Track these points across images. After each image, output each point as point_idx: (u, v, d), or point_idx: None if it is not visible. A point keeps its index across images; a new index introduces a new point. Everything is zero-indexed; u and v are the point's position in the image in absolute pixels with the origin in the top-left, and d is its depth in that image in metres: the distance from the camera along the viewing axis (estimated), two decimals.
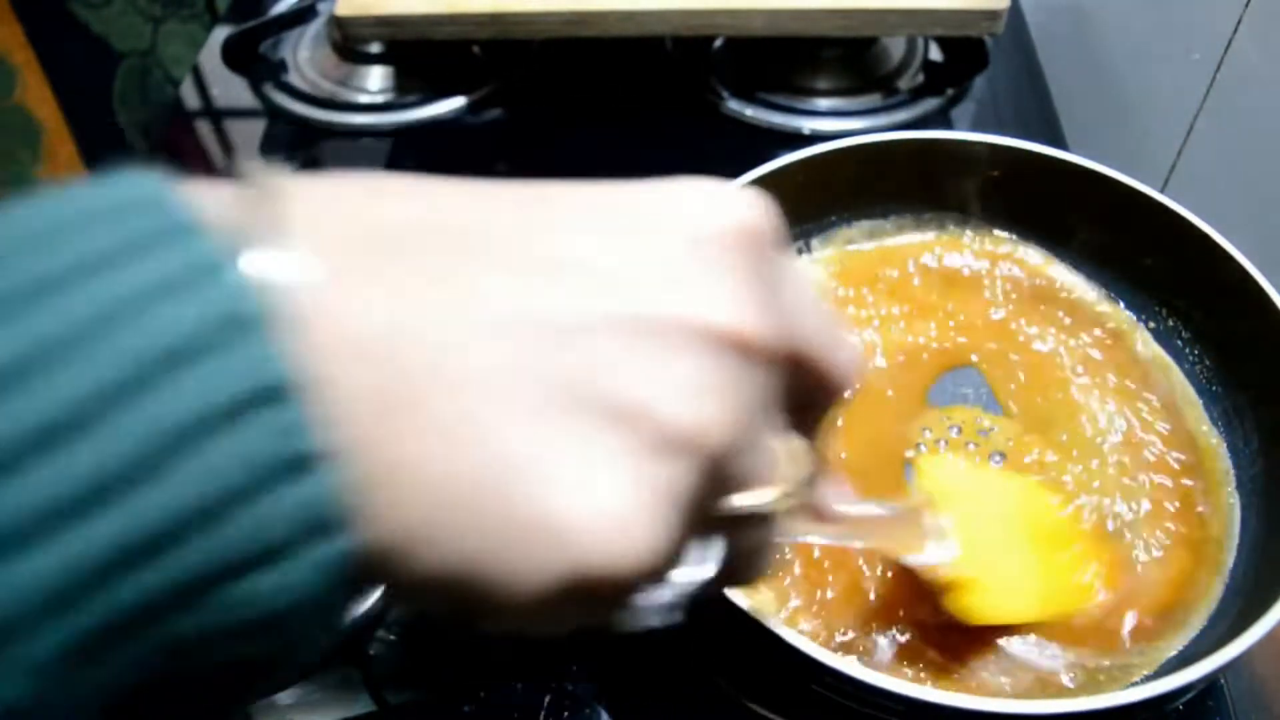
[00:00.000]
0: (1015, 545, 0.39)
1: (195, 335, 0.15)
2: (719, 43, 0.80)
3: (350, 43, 0.76)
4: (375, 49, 0.77)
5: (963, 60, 0.75)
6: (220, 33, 0.82)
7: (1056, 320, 0.52)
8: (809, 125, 0.73)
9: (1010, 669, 0.40)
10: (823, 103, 0.75)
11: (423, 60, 0.76)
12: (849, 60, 0.77)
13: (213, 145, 0.76)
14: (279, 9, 0.82)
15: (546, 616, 0.18)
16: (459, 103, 0.75)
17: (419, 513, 0.17)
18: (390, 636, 0.48)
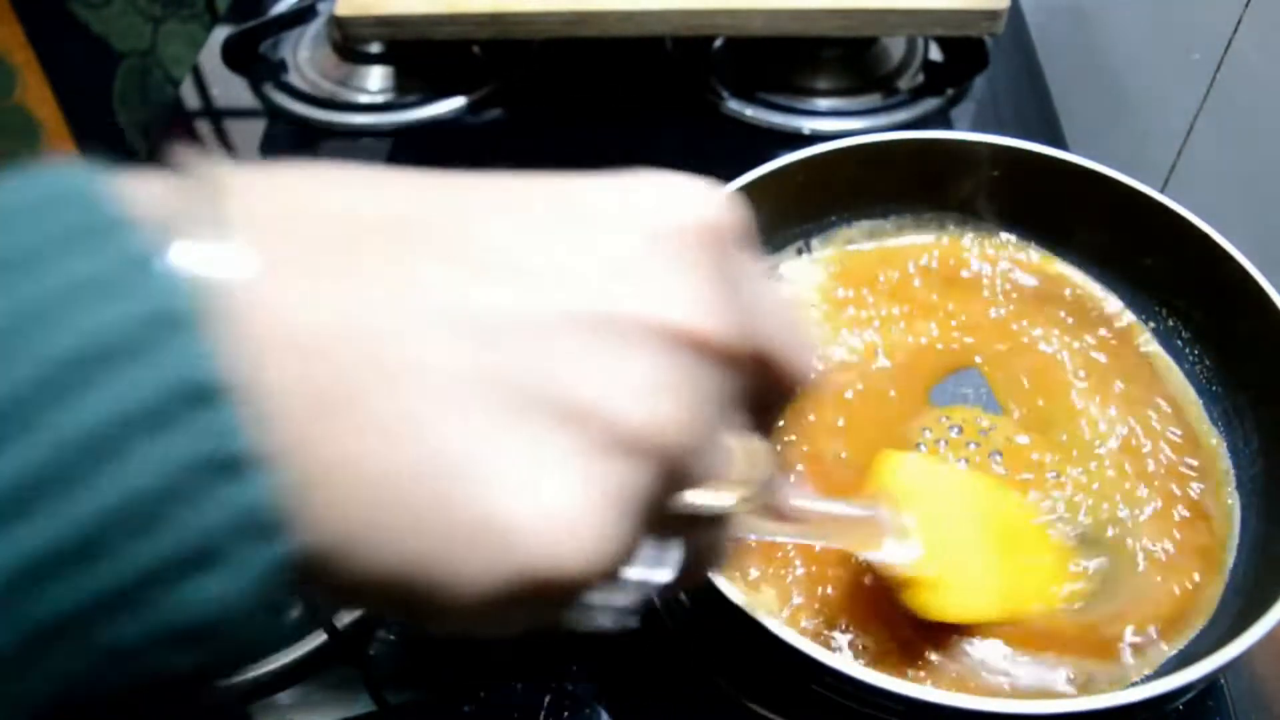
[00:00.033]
0: (976, 544, 0.39)
1: (122, 334, 0.14)
2: (719, 43, 0.80)
3: (350, 43, 0.76)
4: (375, 49, 0.77)
5: (963, 60, 0.75)
6: (220, 33, 0.82)
7: (1056, 321, 0.52)
8: (809, 125, 0.73)
9: (1010, 671, 0.40)
10: (823, 103, 0.75)
11: (423, 60, 0.77)
12: (849, 60, 0.77)
13: (213, 145, 0.76)
14: (279, 9, 0.82)
15: (494, 618, 0.18)
16: (459, 103, 0.75)
17: (358, 514, 0.16)
18: (390, 636, 0.48)
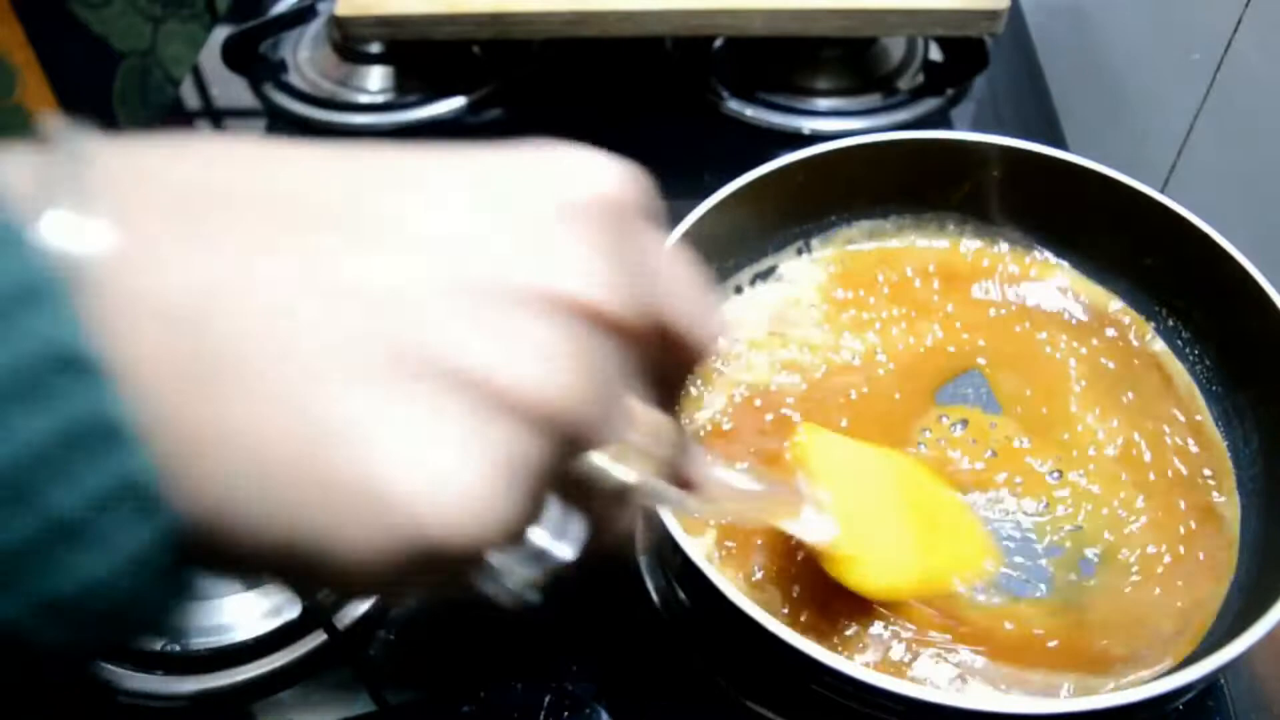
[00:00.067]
0: (892, 519, 0.39)
1: None
2: (719, 43, 0.80)
3: (350, 43, 0.76)
4: (375, 49, 0.77)
5: (963, 60, 0.75)
6: (220, 33, 0.82)
7: (1057, 321, 0.52)
8: (809, 125, 0.73)
9: (1009, 677, 0.40)
10: (823, 103, 0.75)
11: (423, 60, 0.76)
12: (849, 60, 0.77)
13: None
14: (279, 9, 0.82)
15: (391, 585, 0.18)
16: (459, 103, 0.75)
17: (237, 484, 0.16)
18: (390, 636, 0.48)
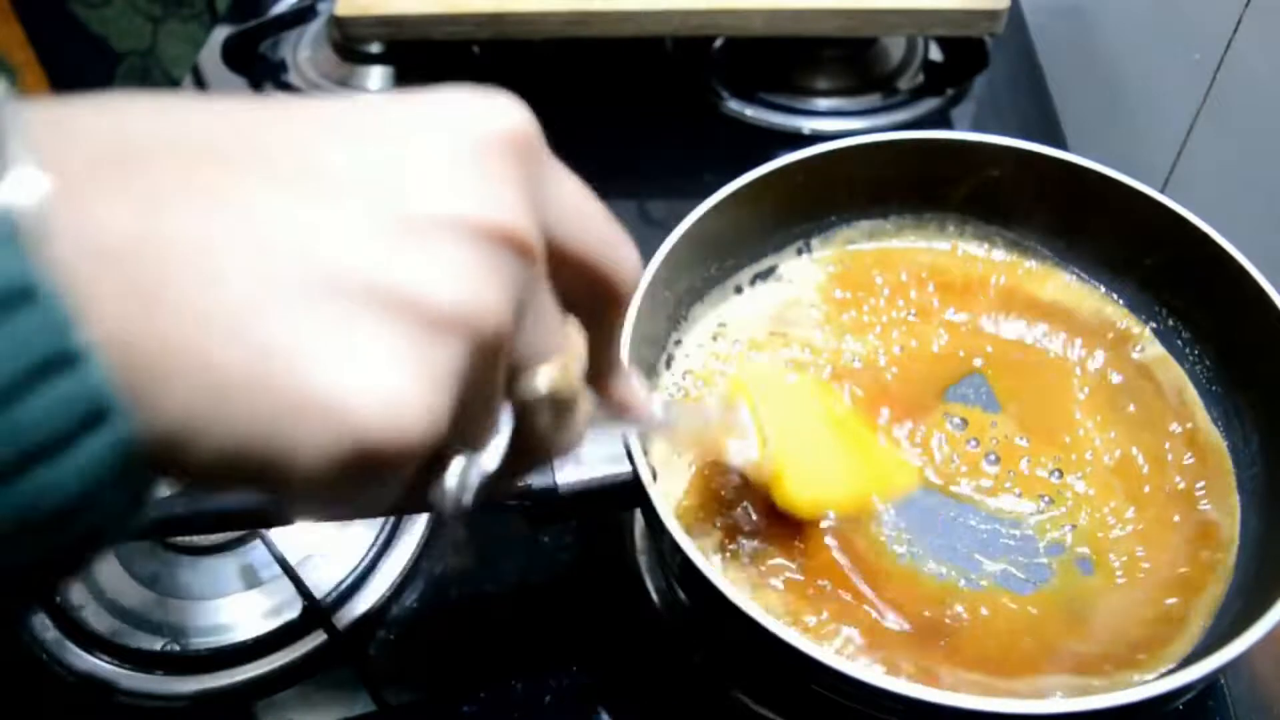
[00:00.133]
0: (821, 442, 0.42)
1: None
2: (719, 43, 0.80)
3: (350, 43, 0.76)
4: (375, 49, 0.77)
5: (963, 60, 0.75)
6: (220, 33, 0.82)
7: (1057, 321, 0.51)
8: (809, 125, 0.73)
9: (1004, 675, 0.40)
10: (823, 103, 0.75)
11: (423, 60, 0.77)
12: (849, 60, 0.77)
13: None
14: (279, 9, 0.82)
15: (336, 490, 0.19)
16: None
17: (191, 400, 0.17)
18: (390, 636, 0.48)
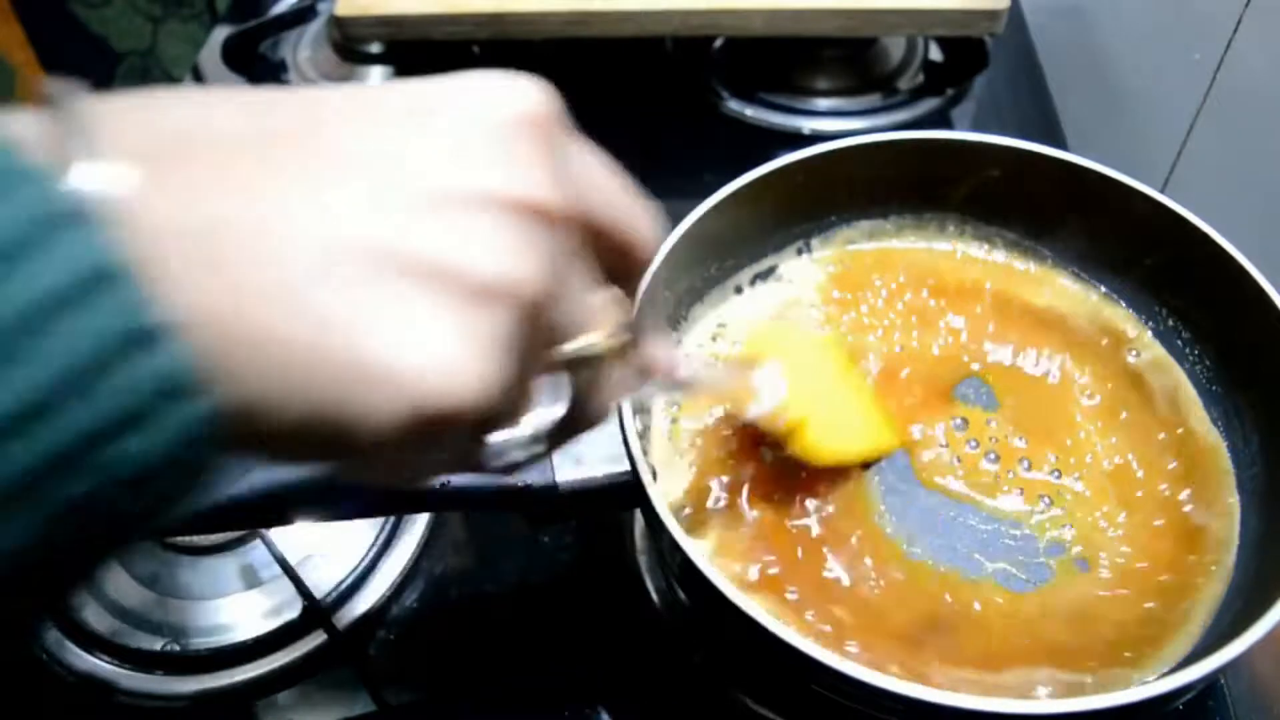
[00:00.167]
0: (838, 393, 0.44)
1: (27, 231, 0.17)
2: (719, 43, 0.80)
3: (350, 43, 0.76)
4: (375, 49, 0.77)
5: (963, 60, 0.75)
6: (220, 33, 0.82)
7: (1057, 321, 0.51)
8: (809, 125, 0.73)
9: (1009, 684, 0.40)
10: (823, 103, 0.75)
11: (423, 60, 0.76)
12: (849, 60, 0.77)
13: None
14: (279, 9, 0.82)
15: (409, 454, 0.21)
16: None
17: (266, 371, 0.19)
18: (390, 636, 0.48)
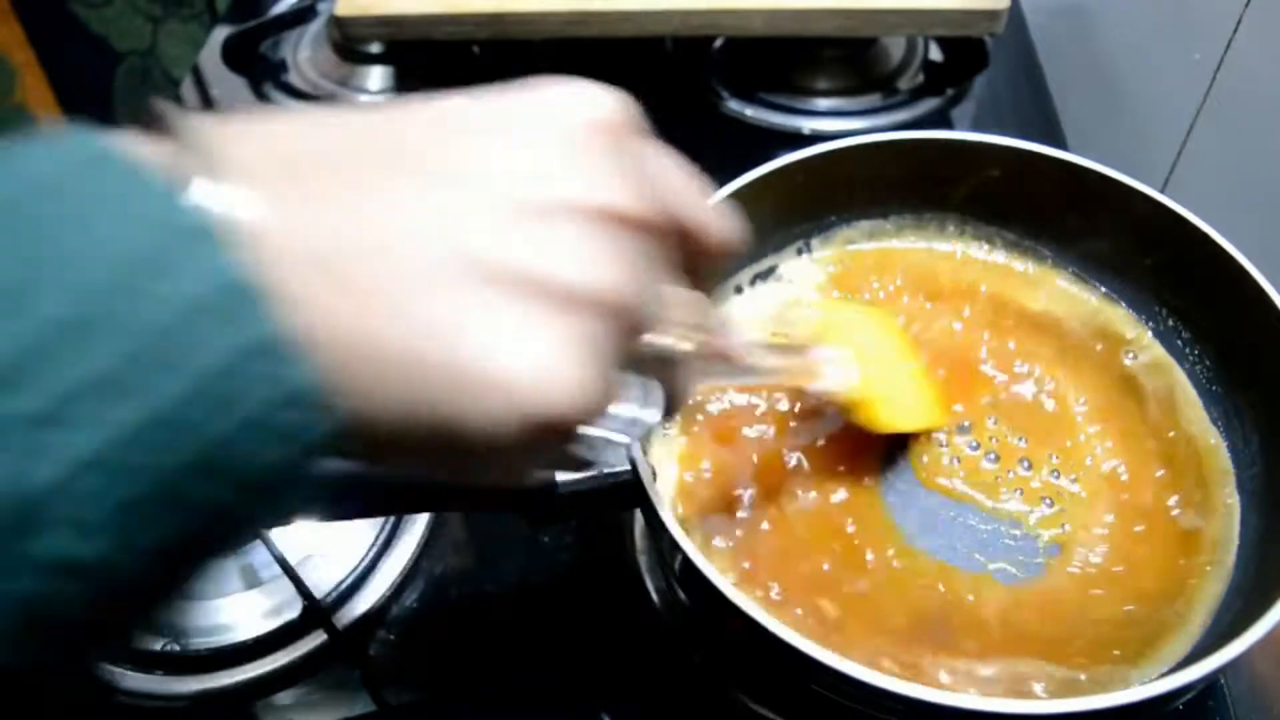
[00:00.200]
0: (899, 367, 0.46)
1: (161, 246, 0.18)
2: (719, 43, 0.80)
3: (350, 43, 0.76)
4: (375, 49, 0.77)
5: (963, 60, 0.75)
6: (220, 33, 0.82)
7: (1057, 321, 0.51)
8: (809, 125, 0.73)
9: (1007, 682, 0.40)
10: (823, 103, 0.75)
11: (423, 60, 0.77)
12: (849, 60, 0.77)
13: None
14: (279, 9, 0.82)
15: (517, 457, 0.23)
16: None
17: (388, 384, 0.20)
18: (390, 636, 0.48)
